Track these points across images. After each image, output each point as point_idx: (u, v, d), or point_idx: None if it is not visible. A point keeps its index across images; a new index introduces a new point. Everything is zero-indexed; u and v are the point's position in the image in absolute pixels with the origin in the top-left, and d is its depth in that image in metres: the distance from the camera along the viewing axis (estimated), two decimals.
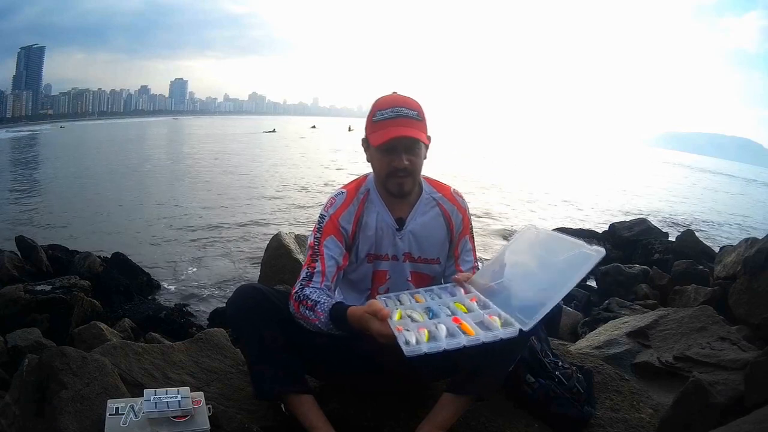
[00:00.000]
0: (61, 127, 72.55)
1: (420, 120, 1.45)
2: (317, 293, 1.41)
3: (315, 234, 1.51)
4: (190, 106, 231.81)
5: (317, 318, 1.36)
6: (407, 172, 1.45)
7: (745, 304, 3.13)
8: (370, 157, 1.51)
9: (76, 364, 1.43)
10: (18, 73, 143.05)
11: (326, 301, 1.38)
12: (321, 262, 1.46)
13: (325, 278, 1.45)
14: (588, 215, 12.88)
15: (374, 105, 1.48)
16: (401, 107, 1.43)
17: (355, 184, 1.57)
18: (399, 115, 1.42)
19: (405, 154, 1.43)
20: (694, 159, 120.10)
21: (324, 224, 1.50)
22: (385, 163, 1.46)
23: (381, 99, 1.48)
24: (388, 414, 1.58)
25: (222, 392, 1.63)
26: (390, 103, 1.45)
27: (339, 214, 1.51)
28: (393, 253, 1.54)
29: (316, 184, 15.58)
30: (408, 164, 1.44)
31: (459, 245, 1.59)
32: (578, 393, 1.63)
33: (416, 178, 1.50)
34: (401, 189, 1.48)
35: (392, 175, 1.46)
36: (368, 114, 1.49)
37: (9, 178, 16.26)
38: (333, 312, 1.34)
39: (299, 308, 1.41)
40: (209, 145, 33.76)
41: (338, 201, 1.53)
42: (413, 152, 1.45)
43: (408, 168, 1.44)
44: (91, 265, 5.29)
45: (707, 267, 5.32)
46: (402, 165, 1.43)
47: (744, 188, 33.72)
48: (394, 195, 1.51)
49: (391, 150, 1.43)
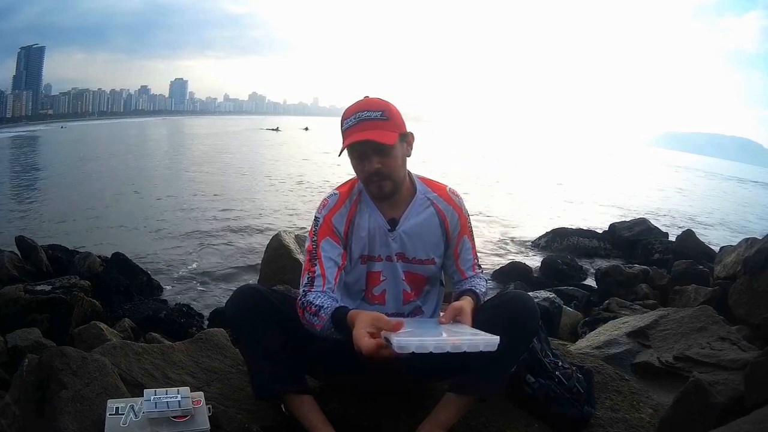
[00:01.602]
0: (62, 128, 72.54)
1: (386, 119, 1.42)
2: (320, 298, 1.40)
3: (311, 237, 1.50)
4: (190, 106, 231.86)
5: (321, 323, 1.36)
6: (381, 174, 1.44)
7: (745, 304, 3.13)
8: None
9: (76, 364, 1.43)
10: (18, 73, 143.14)
11: (329, 305, 1.37)
12: (320, 266, 1.46)
13: (326, 281, 1.44)
14: (588, 215, 12.89)
15: (343, 114, 1.48)
16: (363, 111, 1.42)
17: (348, 186, 1.57)
18: (360, 120, 1.41)
19: (375, 157, 1.42)
20: (694, 159, 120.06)
21: (319, 227, 1.50)
22: (359, 169, 1.46)
23: (348, 107, 1.47)
24: (388, 414, 1.58)
25: (222, 392, 1.63)
26: (354, 110, 1.44)
27: (332, 215, 1.51)
28: (386, 254, 1.54)
29: (317, 184, 15.60)
30: (380, 167, 1.43)
31: (458, 245, 1.59)
32: (578, 393, 1.63)
33: (395, 179, 1.47)
34: (381, 192, 1.47)
35: (368, 180, 1.46)
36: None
37: (9, 179, 16.27)
38: (334, 315, 1.33)
39: (304, 315, 1.40)
40: (206, 145, 33.72)
41: (331, 202, 1.53)
42: (383, 154, 1.43)
43: (381, 171, 1.43)
44: (91, 265, 5.29)
45: (707, 267, 5.32)
46: (372, 169, 1.43)
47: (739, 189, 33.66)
48: (378, 198, 1.51)
49: (362, 155, 1.43)
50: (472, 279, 1.58)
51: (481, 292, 1.53)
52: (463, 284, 1.57)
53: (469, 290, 1.51)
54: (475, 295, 1.48)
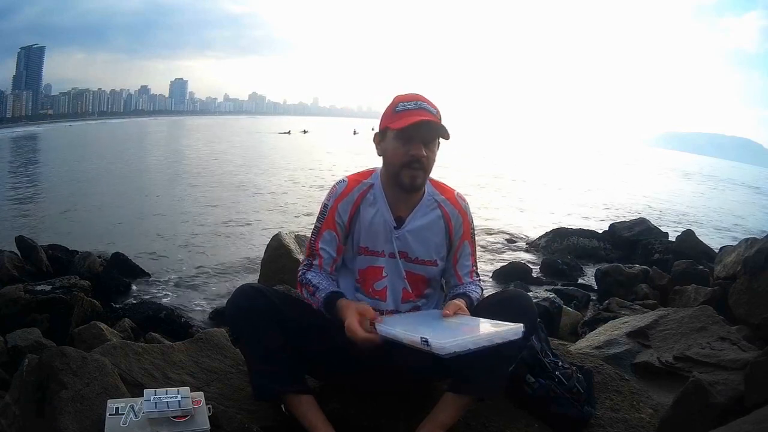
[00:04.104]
0: (70, 126, 73.17)
1: (440, 118, 1.48)
2: (318, 278, 1.51)
3: (316, 223, 1.57)
4: (190, 106, 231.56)
5: (316, 303, 1.47)
6: (422, 164, 1.46)
7: (745, 304, 3.13)
8: (385, 149, 1.51)
9: (76, 364, 1.43)
10: (18, 73, 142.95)
11: (324, 287, 1.47)
12: (318, 256, 1.54)
13: (322, 269, 1.54)
14: (588, 215, 12.89)
15: (396, 99, 1.50)
16: (423, 102, 1.47)
17: (358, 175, 1.59)
18: (421, 108, 1.46)
19: (425, 146, 1.45)
20: (694, 159, 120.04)
21: (325, 216, 1.55)
22: (403, 151, 1.45)
23: (403, 95, 1.50)
24: (388, 414, 1.58)
25: (222, 392, 1.63)
26: (414, 98, 1.48)
27: (339, 200, 1.54)
28: (390, 251, 1.54)
29: (317, 183, 15.60)
30: (425, 155, 1.45)
31: (459, 249, 1.59)
32: (578, 393, 1.63)
33: (428, 173, 1.50)
34: (414, 181, 1.47)
35: (407, 165, 1.46)
36: (388, 107, 1.51)
37: (9, 178, 16.26)
38: (326, 300, 1.43)
39: (303, 291, 1.52)
40: (204, 146, 33.71)
41: (338, 189, 1.56)
42: (430, 147, 1.47)
43: (423, 160, 1.45)
44: (91, 265, 5.30)
45: (707, 267, 5.33)
46: (420, 154, 1.44)
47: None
48: (405, 188, 1.49)
49: (410, 139, 1.45)
50: (468, 285, 1.57)
51: (476, 298, 1.52)
52: (458, 289, 1.57)
53: (463, 294, 1.51)
54: (469, 299, 1.47)
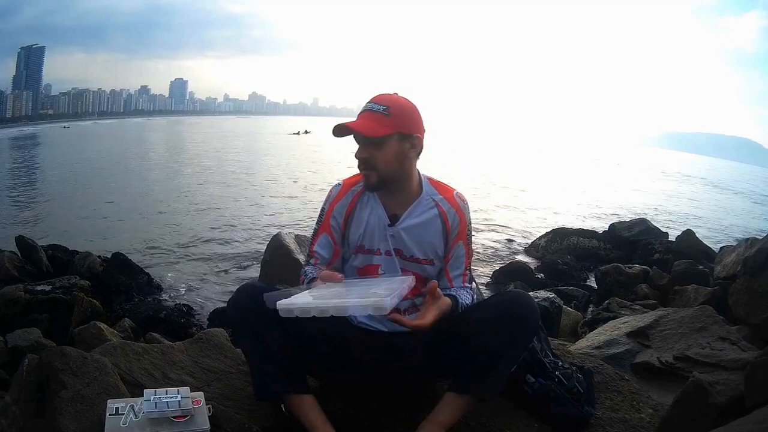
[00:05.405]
0: (65, 128, 72.30)
1: (386, 115, 1.41)
2: (313, 271, 1.52)
3: (315, 226, 1.60)
4: (190, 106, 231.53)
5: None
6: (368, 164, 1.45)
7: (745, 304, 3.13)
8: None
9: (76, 364, 1.43)
10: (18, 73, 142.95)
11: (312, 273, 1.50)
12: (314, 258, 1.58)
13: (318, 269, 1.54)
14: (588, 215, 12.89)
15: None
16: (372, 102, 1.45)
17: (353, 178, 1.58)
18: (364, 110, 1.45)
19: (365, 146, 1.45)
20: (694, 159, 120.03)
21: (322, 219, 1.58)
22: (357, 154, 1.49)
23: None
24: (388, 414, 1.58)
25: (222, 392, 1.63)
26: (371, 100, 1.46)
27: (335, 204, 1.56)
28: (385, 249, 1.53)
29: (317, 183, 15.60)
30: (367, 156, 1.44)
31: (452, 249, 1.55)
32: (578, 393, 1.63)
33: (382, 172, 1.46)
34: (366, 181, 1.49)
35: (358, 167, 1.49)
36: None
37: (9, 178, 16.26)
38: (309, 282, 1.44)
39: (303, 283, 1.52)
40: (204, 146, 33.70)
41: (334, 192, 1.59)
42: (372, 146, 1.44)
43: (368, 160, 1.45)
44: (91, 265, 5.29)
45: (707, 267, 5.32)
46: (359, 156, 1.46)
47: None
48: (366, 188, 1.52)
49: (356, 142, 1.47)
50: (458, 290, 1.51)
51: (463, 303, 1.45)
52: (447, 291, 1.48)
53: (451, 296, 1.42)
54: (456, 302, 1.41)
